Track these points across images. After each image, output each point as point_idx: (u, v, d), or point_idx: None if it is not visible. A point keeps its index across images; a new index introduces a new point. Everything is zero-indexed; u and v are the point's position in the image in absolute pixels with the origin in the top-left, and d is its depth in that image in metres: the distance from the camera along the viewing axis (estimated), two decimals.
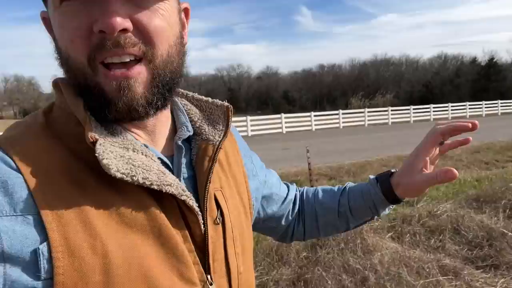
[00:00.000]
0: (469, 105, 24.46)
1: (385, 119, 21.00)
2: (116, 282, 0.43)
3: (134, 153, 0.49)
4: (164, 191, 0.48)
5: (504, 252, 3.25)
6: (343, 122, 19.23)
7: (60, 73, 0.53)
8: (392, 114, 21.33)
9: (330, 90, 47.02)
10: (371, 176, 0.77)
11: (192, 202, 0.51)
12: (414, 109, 22.36)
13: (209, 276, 0.52)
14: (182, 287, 0.49)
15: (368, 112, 21.01)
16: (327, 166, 7.60)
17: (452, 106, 23.70)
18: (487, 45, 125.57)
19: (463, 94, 40.58)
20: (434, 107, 23.08)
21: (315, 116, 18.69)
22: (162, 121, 0.57)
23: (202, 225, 0.53)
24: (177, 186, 0.50)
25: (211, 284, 0.52)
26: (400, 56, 56.19)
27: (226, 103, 0.64)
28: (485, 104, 25.08)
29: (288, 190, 0.83)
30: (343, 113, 19.86)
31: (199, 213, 0.52)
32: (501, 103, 25.88)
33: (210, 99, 0.66)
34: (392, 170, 0.75)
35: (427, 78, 47.99)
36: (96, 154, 0.45)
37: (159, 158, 0.54)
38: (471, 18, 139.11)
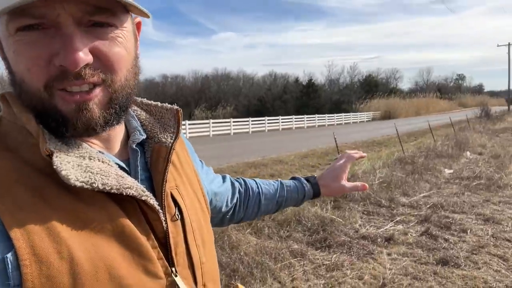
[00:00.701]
0: (295, 118, 28.50)
1: (227, 130, 22.49)
2: (84, 284, 0.45)
3: (91, 161, 0.50)
4: (124, 193, 0.50)
5: (333, 235, 4.11)
6: (189, 133, 19.70)
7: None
8: (234, 125, 23.02)
9: (173, 101, 46.80)
10: (301, 177, 1.04)
11: (152, 201, 0.53)
12: (252, 120, 24.67)
13: (173, 269, 0.55)
14: (149, 282, 0.51)
15: (213, 123, 22.13)
16: None
17: (282, 119, 27.12)
18: (307, 68, 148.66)
19: (289, 109, 46.87)
20: (268, 119, 25.95)
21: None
22: (115, 128, 0.58)
23: (164, 222, 0.55)
24: (136, 187, 0.52)
25: (176, 276, 0.55)
26: (238, 72, 60.92)
27: (175, 107, 0.68)
28: (306, 117, 29.70)
29: (224, 181, 0.93)
30: (189, 124, 20.37)
31: (160, 210, 0.55)
32: (318, 117, 31.14)
33: (159, 104, 0.69)
34: (315, 176, 1.05)
35: (261, 93, 53.49)
36: (54, 167, 0.46)
37: (116, 163, 0.56)
38: (294, 43, 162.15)
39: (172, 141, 0.62)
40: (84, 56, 0.47)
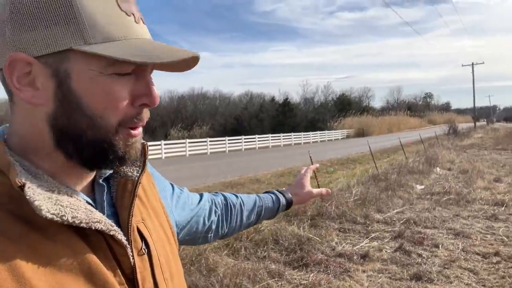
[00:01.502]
0: (271, 137, 28.75)
1: (204, 149, 22.38)
2: None
3: (60, 195, 0.50)
4: (93, 228, 0.50)
5: (310, 254, 4.13)
6: (165, 153, 19.48)
7: None
8: (210, 145, 22.94)
9: (149, 121, 46.19)
10: (275, 190, 1.13)
11: (120, 236, 0.53)
12: (229, 140, 24.70)
13: None
14: None
15: (189, 142, 21.99)
16: None
17: (258, 138, 27.30)
18: (282, 87, 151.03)
19: (266, 127, 47.30)
20: (245, 138, 26.06)
21: None
22: None
23: (131, 257, 0.55)
24: (105, 222, 0.51)
25: None
26: (214, 92, 61.27)
27: (142, 141, 0.68)
28: (283, 136, 30.01)
29: (200, 200, 0.93)
30: (165, 144, 20.15)
31: (128, 245, 0.55)
32: (294, 135, 31.53)
33: None
34: (284, 188, 1.16)
35: (237, 112, 53.82)
36: (27, 197, 0.46)
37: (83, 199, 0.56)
38: (269, 63, 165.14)
39: (138, 174, 0.62)
40: (158, 98, 0.55)
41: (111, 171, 0.62)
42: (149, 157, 0.69)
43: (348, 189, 6.97)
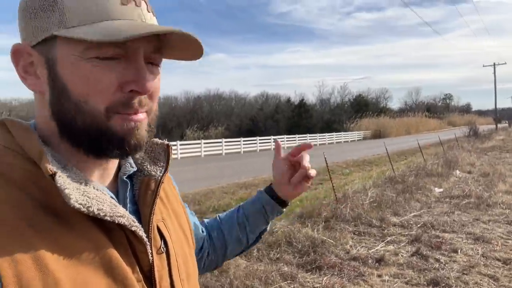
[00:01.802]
0: (286, 137, 28.63)
1: (219, 150, 22.45)
2: None
3: (87, 187, 0.51)
4: (116, 222, 0.50)
5: (324, 256, 4.07)
6: (180, 153, 19.64)
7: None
8: (225, 145, 23.00)
9: (165, 121, 47.13)
10: (259, 189, 0.96)
11: (141, 232, 0.54)
12: (244, 140, 24.71)
13: None
14: None
15: (204, 143, 22.10)
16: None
17: (273, 139, 27.17)
18: (298, 88, 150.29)
19: (281, 128, 47.19)
20: (260, 139, 26.03)
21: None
22: (114, 160, 0.60)
23: (150, 255, 0.56)
24: (128, 217, 0.52)
25: None
26: (230, 92, 61.43)
27: (166, 142, 0.70)
28: (298, 137, 29.86)
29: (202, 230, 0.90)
30: (180, 144, 20.32)
31: (148, 243, 0.55)
32: (309, 136, 31.34)
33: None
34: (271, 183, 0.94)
35: (253, 113, 53.85)
36: (58, 185, 0.47)
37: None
38: (285, 64, 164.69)
39: (161, 174, 0.64)
40: (150, 85, 0.53)
41: (134, 169, 0.63)
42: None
43: (363, 191, 6.85)
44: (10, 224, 0.45)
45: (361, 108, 53.40)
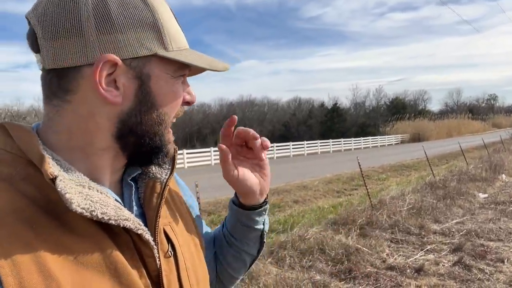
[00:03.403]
0: (320, 143, 28.24)
1: None
2: None
3: (90, 190, 0.50)
4: (121, 225, 0.49)
5: (359, 265, 3.92)
6: (214, 159, 19.87)
7: None
8: None
9: (200, 128, 48.05)
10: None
11: (148, 236, 0.52)
12: (277, 146, 24.60)
13: None
14: None
15: None
16: (205, 202, 7.77)
17: (307, 144, 26.93)
18: (332, 92, 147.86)
19: (314, 133, 46.72)
20: (293, 145, 25.83)
21: (187, 153, 18.88)
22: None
23: (157, 259, 0.54)
24: (133, 220, 0.51)
25: None
26: (262, 98, 61.79)
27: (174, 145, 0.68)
28: (332, 142, 29.37)
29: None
30: (214, 151, 20.57)
31: (154, 246, 0.53)
32: (343, 141, 30.73)
33: None
34: None
35: (286, 119, 53.73)
36: (59, 189, 0.45)
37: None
38: (317, 68, 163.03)
39: (167, 177, 0.62)
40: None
41: (139, 171, 0.62)
42: (200, 163, 0.70)
43: (401, 197, 6.56)
44: (9, 225, 0.44)
45: (398, 111, 51.78)
